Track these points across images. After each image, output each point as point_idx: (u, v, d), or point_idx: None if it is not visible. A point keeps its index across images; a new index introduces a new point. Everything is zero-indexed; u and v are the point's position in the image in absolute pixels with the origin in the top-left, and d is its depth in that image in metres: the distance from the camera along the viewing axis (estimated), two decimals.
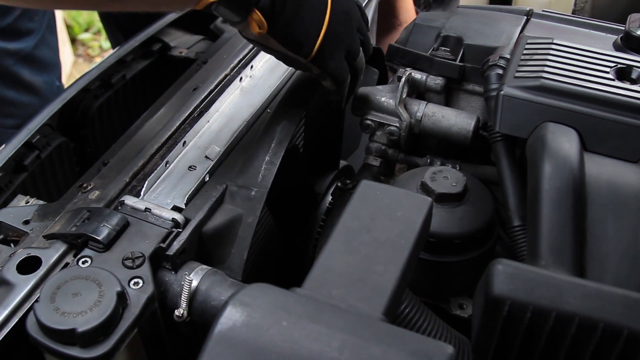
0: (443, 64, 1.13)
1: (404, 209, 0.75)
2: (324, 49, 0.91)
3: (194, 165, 0.95)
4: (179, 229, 0.85)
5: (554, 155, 0.83)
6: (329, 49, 0.92)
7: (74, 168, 1.28)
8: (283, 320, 0.61)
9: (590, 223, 0.79)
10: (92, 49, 3.56)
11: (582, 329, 0.66)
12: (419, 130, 1.09)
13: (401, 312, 0.80)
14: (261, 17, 0.84)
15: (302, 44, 0.90)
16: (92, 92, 1.28)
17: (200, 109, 1.04)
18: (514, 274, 0.69)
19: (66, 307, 0.73)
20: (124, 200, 0.88)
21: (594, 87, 0.90)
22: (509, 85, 0.92)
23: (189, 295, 0.80)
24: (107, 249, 0.81)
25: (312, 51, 0.90)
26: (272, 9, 0.85)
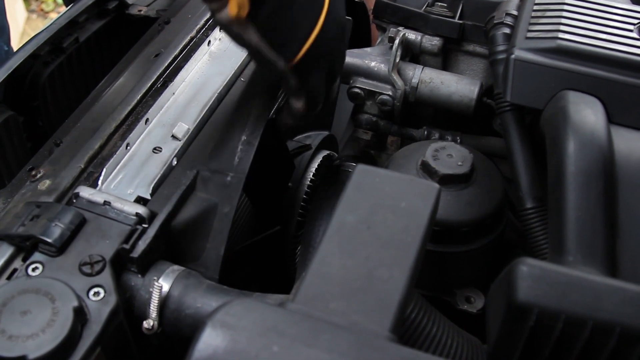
0: (440, 21, 1.03)
1: (408, 199, 0.66)
2: (311, 57, 0.76)
3: (158, 146, 0.86)
4: (145, 224, 0.75)
5: (578, 130, 0.73)
6: (317, 59, 0.77)
7: (25, 144, 1.17)
8: (274, 344, 0.53)
9: (622, 210, 0.70)
10: (46, 4, 3.43)
11: (624, 340, 0.58)
12: (415, 98, 0.99)
13: (407, 316, 0.71)
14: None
15: (287, 42, 0.75)
16: (41, 58, 1.16)
17: (164, 79, 0.95)
18: (542, 277, 0.61)
19: (14, 330, 0.63)
20: (78, 192, 0.78)
21: (618, 47, 0.80)
22: (520, 48, 0.82)
23: (159, 304, 0.72)
24: (60, 252, 0.72)
25: (297, 53, 0.75)
26: None
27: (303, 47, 0.75)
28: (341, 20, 0.79)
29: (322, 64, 0.79)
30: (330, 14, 0.75)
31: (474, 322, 0.82)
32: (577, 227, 0.68)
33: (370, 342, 0.54)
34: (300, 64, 0.76)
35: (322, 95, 0.82)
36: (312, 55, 0.76)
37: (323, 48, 0.77)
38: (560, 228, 0.69)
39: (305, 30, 0.74)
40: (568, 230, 0.68)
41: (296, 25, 0.74)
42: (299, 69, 0.77)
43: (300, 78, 0.79)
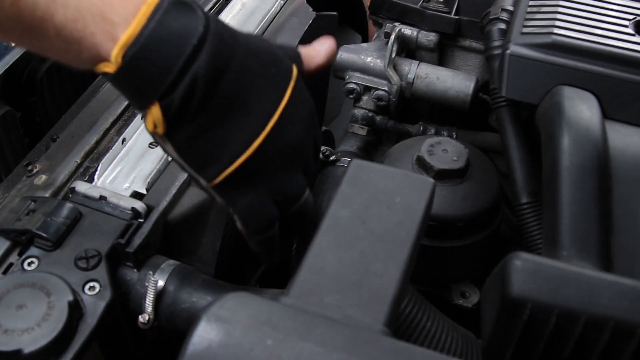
0: (436, 17, 1.02)
1: (403, 194, 0.66)
2: (236, 182, 0.67)
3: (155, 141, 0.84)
4: (140, 219, 0.76)
5: (573, 125, 0.73)
6: (245, 183, 0.68)
7: (22, 140, 1.17)
8: (268, 338, 0.53)
9: (617, 205, 0.70)
10: None
11: (617, 334, 0.58)
12: (411, 94, 0.98)
13: (402, 311, 0.71)
14: (161, 116, 0.62)
15: (207, 165, 0.66)
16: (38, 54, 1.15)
17: None
18: (536, 271, 0.60)
19: (9, 324, 0.64)
20: (74, 187, 0.78)
21: (614, 43, 0.80)
22: (516, 43, 0.82)
23: (154, 298, 0.72)
24: (56, 247, 0.72)
25: (217, 176, 0.66)
26: (183, 111, 0.62)
27: (224, 172, 0.66)
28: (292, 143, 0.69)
29: (255, 188, 0.69)
30: (270, 139, 0.67)
31: (470, 317, 0.82)
32: (571, 221, 0.68)
33: (364, 336, 0.54)
34: (222, 185, 0.67)
35: (263, 219, 0.71)
36: (237, 179, 0.67)
37: (255, 173, 0.68)
38: (555, 223, 0.68)
39: (230, 156, 0.66)
40: (562, 225, 0.68)
41: (218, 151, 0.66)
42: (222, 190, 0.68)
43: (225, 199, 0.70)
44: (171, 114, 0.62)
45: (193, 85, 0.61)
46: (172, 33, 0.60)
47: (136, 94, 0.62)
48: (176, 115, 0.62)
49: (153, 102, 0.61)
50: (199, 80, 0.61)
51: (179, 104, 0.61)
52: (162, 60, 0.60)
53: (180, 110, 0.62)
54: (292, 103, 0.68)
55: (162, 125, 0.63)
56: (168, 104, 0.61)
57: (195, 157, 0.66)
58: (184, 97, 0.61)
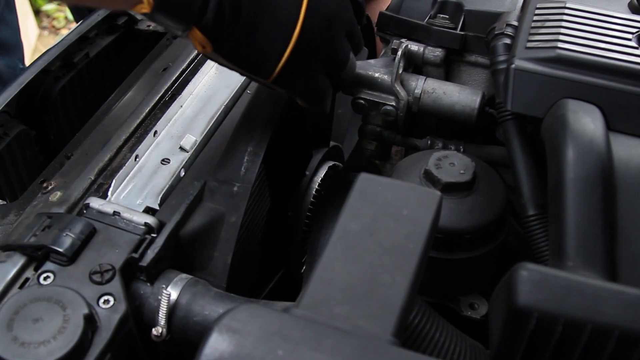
0: (442, 33, 1.03)
1: (410, 207, 0.67)
2: (291, 69, 0.75)
3: (167, 158, 0.87)
4: (153, 234, 0.77)
5: (577, 138, 0.73)
6: (299, 68, 0.76)
7: (37, 158, 1.19)
8: (279, 348, 0.54)
9: (621, 216, 0.70)
10: (57, 21, 3.43)
11: (623, 343, 0.58)
12: (418, 109, 0.99)
13: (410, 322, 0.72)
14: (203, 36, 0.69)
15: (260, 65, 0.74)
16: (52, 73, 1.18)
17: (172, 92, 0.97)
18: (542, 281, 0.61)
19: (26, 336, 0.65)
20: (89, 203, 0.79)
21: (617, 57, 0.80)
22: (521, 58, 0.82)
23: (167, 311, 0.73)
24: (71, 261, 0.73)
25: (272, 73, 0.74)
26: (219, 26, 0.69)
27: (277, 66, 0.74)
28: (327, 15, 0.76)
29: (307, 70, 0.77)
30: (308, 23, 0.74)
31: (478, 328, 0.82)
32: (576, 232, 0.68)
33: (373, 346, 0.55)
34: (279, 77, 0.75)
35: (321, 92, 0.80)
36: (290, 68, 0.75)
37: (304, 58, 0.75)
38: (560, 234, 0.69)
39: (277, 52, 0.73)
40: (568, 236, 0.68)
41: (267, 49, 0.73)
42: (280, 82, 0.76)
43: (285, 87, 0.78)
44: (211, 32, 0.69)
45: (220, 3, 0.68)
46: None
47: (175, 25, 0.69)
48: (215, 31, 0.69)
49: (192, 28, 0.69)
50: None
51: (213, 22, 0.68)
52: None
53: (217, 26, 0.69)
54: None
55: (208, 43, 0.70)
56: (205, 24, 0.68)
57: (248, 62, 0.74)
58: (217, 14, 0.68)
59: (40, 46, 3.22)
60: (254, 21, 0.71)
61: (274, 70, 0.74)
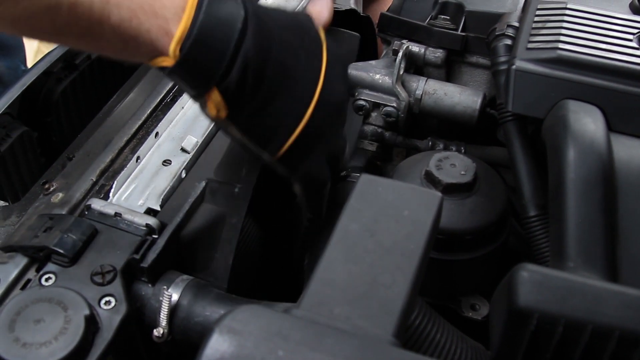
0: (443, 34, 1.03)
1: (411, 207, 0.67)
2: (297, 149, 0.72)
3: (168, 159, 0.87)
4: (155, 235, 0.77)
5: (578, 139, 0.74)
6: (305, 149, 0.74)
7: (39, 159, 1.18)
8: (279, 349, 0.54)
9: (622, 217, 0.70)
10: None
11: (623, 344, 0.58)
12: (419, 110, 0.99)
13: (411, 323, 0.72)
14: (221, 99, 0.66)
15: (269, 140, 0.72)
16: (54, 75, 1.18)
17: (174, 94, 0.97)
18: (542, 282, 0.61)
19: (27, 337, 0.65)
20: (90, 204, 0.80)
21: (618, 57, 0.81)
22: (521, 59, 0.82)
23: (168, 312, 0.73)
24: (73, 262, 0.73)
25: (279, 150, 0.72)
26: (240, 91, 0.66)
27: (286, 143, 0.72)
28: (337, 102, 0.75)
29: (313, 153, 0.75)
30: (321, 105, 0.72)
31: (479, 329, 0.82)
32: (577, 233, 0.68)
33: (373, 346, 0.55)
34: (286, 155, 0.73)
35: (321, 178, 0.78)
36: (298, 148, 0.73)
37: (312, 139, 0.73)
38: (561, 234, 0.69)
39: (289, 127, 0.71)
40: (568, 237, 0.68)
41: (278, 124, 0.71)
42: (285, 161, 0.74)
43: (288, 168, 0.75)
44: (230, 96, 0.66)
45: (245, 66, 0.65)
46: (219, 21, 0.64)
47: (195, 83, 0.66)
48: (235, 96, 0.66)
49: (212, 88, 0.65)
50: (249, 60, 0.65)
51: (235, 86, 0.65)
52: (215, 47, 0.64)
53: (238, 91, 0.66)
54: (331, 64, 0.72)
55: (224, 108, 0.67)
56: (226, 87, 0.65)
57: (258, 134, 0.72)
58: (240, 78, 0.65)
59: (43, 47, 3.19)
60: (272, 92, 0.69)
61: (282, 146, 0.72)
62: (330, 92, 0.72)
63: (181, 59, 0.64)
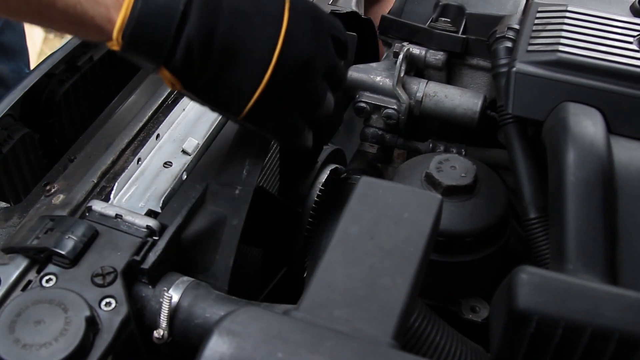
0: (444, 36, 1.03)
1: (411, 210, 0.67)
2: (261, 109, 0.75)
3: (169, 161, 0.87)
4: (155, 237, 0.76)
5: (578, 141, 0.74)
6: (270, 108, 0.76)
7: (41, 161, 1.18)
8: (278, 351, 0.54)
9: (622, 219, 0.70)
10: None
11: (623, 346, 0.59)
12: (420, 112, 0.99)
13: (411, 325, 0.72)
14: (171, 76, 0.71)
15: (229, 104, 0.75)
16: (56, 76, 1.18)
17: (175, 95, 0.96)
18: (542, 284, 0.61)
19: (28, 338, 0.65)
20: (91, 206, 0.79)
21: (618, 59, 0.81)
22: (522, 61, 0.83)
23: (169, 314, 0.72)
24: (73, 264, 0.73)
25: (241, 111, 0.75)
26: (187, 66, 0.70)
27: (246, 107, 0.74)
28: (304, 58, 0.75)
29: (279, 109, 0.77)
30: (282, 63, 0.73)
31: (480, 332, 0.82)
32: (577, 235, 0.68)
33: (373, 349, 0.55)
34: (249, 116, 0.75)
35: (293, 130, 0.80)
36: (260, 108, 0.75)
37: (276, 98, 0.75)
38: (561, 237, 0.69)
39: (247, 92, 0.73)
40: (568, 239, 0.68)
41: (235, 91, 0.73)
42: (250, 120, 0.76)
43: (255, 125, 0.78)
44: (179, 72, 0.70)
45: (189, 46, 0.69)
46: (159, 7, 0.68)
47: (144, 63, 0.71)
48: (184, 72, 0.70)
49: (160, 67, 0.70)
50: (192, 41, 0.69)
51: (181, 64, 0.69)
52: (157, 32, 0.68)
53: (186, 67, 0.70)
54: (293, 22, 0.74)
55: (177, 82, 0.71)
56: (173, 65, 0.69)
57: (217, 100, 0.75)
58: (185, 57, 0.69)
59: (46, 49, 3.22)
60: (224, 63, 0.72)
61: (243, 109, 0.75)
62: (293, 51, 0.74)
63: (124, 45, 0.68)
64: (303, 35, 0.75)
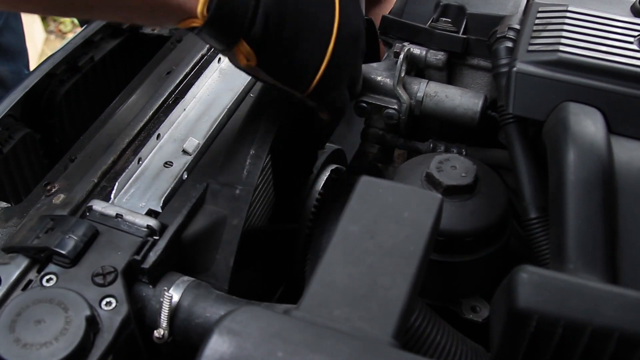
0: (444, 36, 1.03)
1: (411, 209, 0.67)
2: (324, 83, 0.80)
3: (169, 161, 0.87)
4: (155, 236, 0.77)
5: (578, 140, 0.74)
6: (331, 81, 0.81)
7: (42, 161, 1.19)
8: (278, 350, 0.54)
9: (622, 219, 0.70)
10: (64, 25, 3.45)
11: (623, 345, 0.58)
12: (420, 112, 0.99)
13: (411, 324, 0.72)
14: (249, 49, 0.73)
15: (299, 79, 0.79)
16: (57, 77, 1.18)
17: (175, 96, 0.97)
18: (542, 284, 0.61)
19: (28, 338, 0.65)
20: (92, 206, 0.79)
21: (618, 59, 0.81)
22: (522, 61, 0.83)
23: (169, 313, 0.73)
24: (74, 263, 0.73)
25: (309, 86, 0.79)
26: (265, 38, 0.73)
27: (314, 80, 0.78)
28: (354, 33, 0.81)
29: (338, 83, 0.82)
30: (340, 39, 0.78)
31: (480, 331, 0.82)
32: (577, 235, 0.68)
33: (373, 348, 0.55)
34: (315, 91, 0.80)
35: (344, 103, 0.85)
36: (325, 81, 0.79)
37: (336, 72, 0.80)
38: (561, 236, 0.69)
39: (314, 65, 0.78)
40: (568, 239, 0.68)
41: (305, 63, 0.77)
42: (314, 95, 0.80)
43: (318, 101, 0.82)
44: (257, 44, 0.73)
45: (267, 15, 0.71)
46: None
47: (223, 38, 0.72)
48: (261, 44, 0.73)
49: (240, 40, 0.72)
50: (270, 9, 0.71)
51: (260, 35, 0.72)
52: (238, 3, 0.70)
53: (263, 39, 0.72)
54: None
55: (253, 56, 0.74)
56: (252, 37, 0.72)
57: (287, 76, 0.78)
58: (264, 27, 0.71)
59: (47, 50, 3.23)
60: (294, 35, 0.74)
61: (311, 84, 0.79)
62: (347, 25, 0.79)
63: (209, 18, 0.70)
64: (353, 11, 0.80)
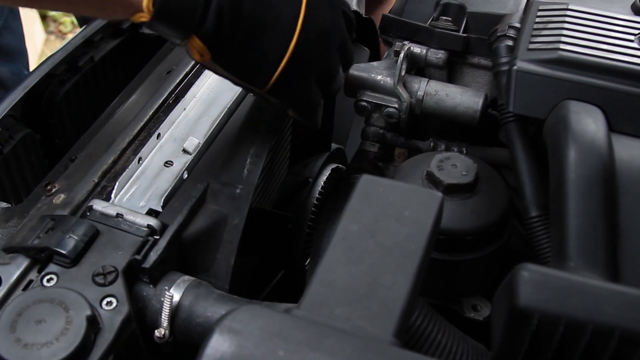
0: (444, 35, 1.03)
1: (411, 208, 0.67)
2: (286, 79, 0.76)
3: (170, 160, 0.87)
4: (156, 236, 0.76)
5: (579, 139, 0.74)
6: (293, 78, 0.77)
7: (42, 161, 1.19)
8: (279, 349, 0.54)
9: (623, 217, 0.70)
10: (64, 25, 3.44)
11: (624, 343, 0.58)
12: (421, 110, 0.99)
13: (412, 323, 0.72)
14: (202, 44, 0.71)
15: (256, 74, 0.76)
16: (57, 77, 1.18)
17: (176, 95, 0.96)
18: (543, 282, 0.61)
19: (29, 338, 0.65)
20: (92, 205, 0.79)
21: (619, 58, 0.81)
22: (522, 59, 0.83)
23: (170, 313, 0.73)
24: (74, 263, 0.73)
25: (268, 82, 0.76)
26: (219, 34, 0.71)
27: (273, 76, 0.75)
28: (322, 29, 0.78)
29: (301, 80, 0.79)
30: (304, 34, 0.75)
31: (481, 330, 0.82)
32: (578, 233, 0.68)
33: (373, 346, 0.55)
34: (275, 87, 0.77)
35: (313, 102, 0.82)
36: (286, 78, 0.76)
37: (299, 68, 0.77)
38: (562, 235, 0.69)
39: (274, 61, 0.75)
40: (569, 237, 0.68)
41: (264, 58, 0.75)
42: (275, 91, 0.78)
43: (279, 97, 0.79)
44: (209, 40, 0.70)
45: (220, 11, 0.69)
46: None
47: (173, 33, 0.71)
48: (214, 40, 0.70)
49: (191, 36, 0.70)
50: (223, 6, 0.69)
51: (213, 30, 0.69)
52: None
53: (216, 35, 0.70)
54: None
55: (207, 52, 0.71)
56: (204, 32, 0.69)
57: (244, 71, 0.76)
58: (216, 23, 0.69)
59: (47, 51, 3.23)
60: (252, 30, 0.72)
61: (269, 80, 0.76)
62: (314, 20, 0.76)
63: (156, 13, 0.68)
64: (321, 6, 0.77)
